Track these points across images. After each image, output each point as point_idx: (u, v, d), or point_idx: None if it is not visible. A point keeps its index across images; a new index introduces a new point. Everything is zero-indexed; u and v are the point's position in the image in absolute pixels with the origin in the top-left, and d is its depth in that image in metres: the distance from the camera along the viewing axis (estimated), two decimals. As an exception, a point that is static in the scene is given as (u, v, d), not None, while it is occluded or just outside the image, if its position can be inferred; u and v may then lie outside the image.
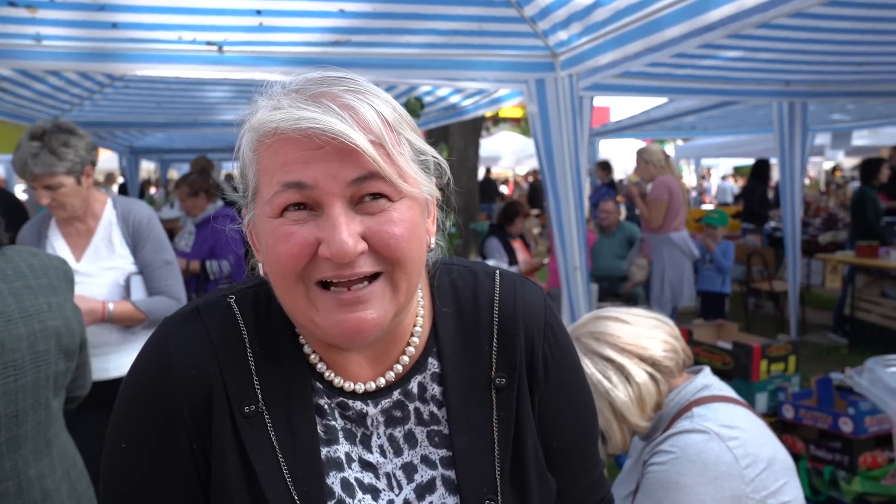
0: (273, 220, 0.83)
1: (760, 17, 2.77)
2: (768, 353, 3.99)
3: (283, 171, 0.81)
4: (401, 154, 0.84)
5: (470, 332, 0.98)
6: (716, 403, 1.68)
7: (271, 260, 0.85)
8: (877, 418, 3.54)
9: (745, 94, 5.80)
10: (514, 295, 1.00)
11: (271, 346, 0.93)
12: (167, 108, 6.83)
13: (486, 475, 0.94)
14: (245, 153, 0.88)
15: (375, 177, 0.81)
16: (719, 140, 13.97)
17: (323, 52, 3.65)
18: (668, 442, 1.62)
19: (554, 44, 3.73)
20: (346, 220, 0.80)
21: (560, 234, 3.98)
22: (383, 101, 0.86)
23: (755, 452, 1.59)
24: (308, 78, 0.86)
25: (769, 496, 1.57)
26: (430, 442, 0.96)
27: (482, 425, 0.95)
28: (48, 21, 3.19)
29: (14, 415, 1.57)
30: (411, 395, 0.96)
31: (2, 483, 1.56)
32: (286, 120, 0.80)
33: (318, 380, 0.94)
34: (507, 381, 0.96)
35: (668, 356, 1.73)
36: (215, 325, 0.92)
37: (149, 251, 2.87)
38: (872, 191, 7.68)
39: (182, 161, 13.75)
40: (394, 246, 0.82)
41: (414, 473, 0.94)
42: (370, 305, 0.83)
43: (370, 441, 0.95)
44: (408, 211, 0.84)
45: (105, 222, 2.84)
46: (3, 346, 1.55)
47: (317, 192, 0.80)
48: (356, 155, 0.79)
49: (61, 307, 1.74)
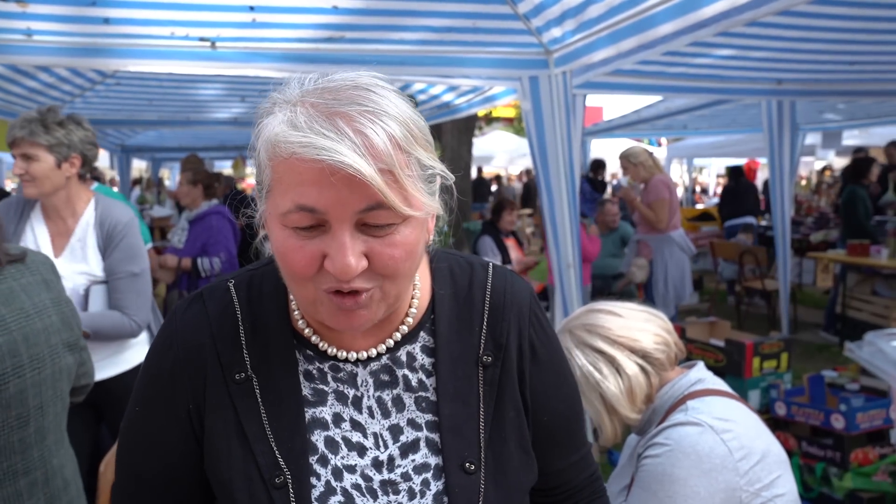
0: (283, 229, 0.90)
1: (752, 14, 2.78)
2: (761, 350, 4.01)
3: (298, 192, 0.86)
4: (409, 177, 0.87)
5: (464, 314, 1.09)
6: (710, 397, 1.69)
7: (281, 263, 0.93)
8: (868, 415, 3.56)
9: (737, 92, 5.82)
10: (504, 286, 1.12)
11: (262, 322, 1.05)
12: (159, 106, 6.80)
13: (467, 441, 1.03)
14: (261, 154, 0.91)
15: (381, 206, 0.86)
16: (711, 140, 14.02)
17: (316, 49, 3.65)
18: (663, 434, 1.62)
19: (548, 41, 3.74)
20: (350, 242, 0.87)
21: (553, 232, 3.98)
22: (395, 118, 0.87)
23: (749, 445, 1.59)
24: (326, 88, 0.88)
25: (763, 488, 1.58)
26: (418, 407, 1.04)
27: (467, 396, 1.05)
28: (39, 16, 3.17)
29: (39, 406, 1.65)
30: (399, 361, 1.05)
31: (31, 473, 1.63)
32: (305, 147, 0.83)
33: (311, 349, 1.04)
34: (492, 360, 1.07)
35: (660, 349, 1.74)
36: (214, 304, 1.06)
37: (115, 259, 2.67)
38: (863, 189, 7.71)
39: (174, 160, 13.70)
40: (391, 267, 0.90)
41: (399, 434, 1.03)
42: (364, 307, 0.92)
43: (361, 402, 1.04)
44: (410, 232, 0.90)
45: (83, 223, 2.70)
46: (27, 340, 1.61)
47: (327, 216, 0.86)
48: (366, 186, 0.84)
49: (57, 302, 1.77)
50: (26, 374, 1.60)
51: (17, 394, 1.57)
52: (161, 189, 14.05)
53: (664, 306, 6.04)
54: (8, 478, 1.57)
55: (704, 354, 4.15)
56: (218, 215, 4.97)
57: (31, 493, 1.62)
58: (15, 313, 1.61)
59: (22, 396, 1.59)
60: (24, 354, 1.59)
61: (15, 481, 1.59)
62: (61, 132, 2.57)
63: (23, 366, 1.59)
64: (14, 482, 1.58)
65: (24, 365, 1.59)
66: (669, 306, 6.12)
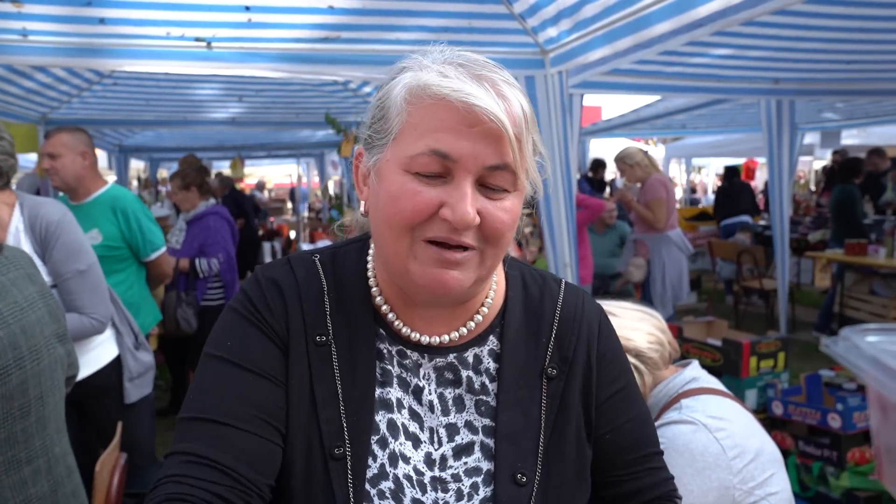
0: (404, 174, 0.91)
1: (747, 13, 2.78)
2: (758, 349, 4.01)
3: (435, 137, 0.89)
4: (529, 152, 0.94)
5: (532, 324, 1.08)
6: (704, 395, 1.69)
7: (389, 209, 0.93)
8: (865, 414, 3.56)
9: (734, 91, 5.83)
10: (576, 302, 1.11)
11: (345, 296, 1.05)
12: (156, 106, 6.80)
13: (523, 451, 1.01)
14: (396, 100, 0.94)
15: (507, 168, 0.91)
16: (709, 139, 14.02)
17: (312, 49, 3.64)
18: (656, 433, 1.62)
19: (543, 40, 3.73)
20: (472, 194, 0.90)
21: (550, 232, 3.98)
22: (526, 98, 0.95)
23: (742, 444, 1.59)
24: (468, 56, 0.95)
25: (756, 487, 1.58)
26: (477, 410, 1.04)
27: (528, 406, 1.03)
28: (34, 16, 3.18)
29: (39, 396, 1.67)
30: (465, 362, 1.05)
31: (34, 461, 1.66)
32: (457, 91, 0.88)
33: (383, 328, 1.04)
34: (557, 373, 1.05)
35: (653, 348, 1.73)
36: (301, 271, 1.06)
37: (57, 260, 2.49)
38: (856, 189, 7.71)
39: (171, 160, 13.67)
40: (499, 230, 0.93)
41: (455, 434, 1.02)
42: (461, 268, 0.93)
43: (422, 394, 1.03)
44: (517, 204, 0.95)
45: (13, 230, 2.49)
46: (24, 332, 1.63)
47: (456, 166, 0.89)
48: (500, 143, 0.89)
49: (43, 294, 1.79)
50: (27, 365, 1.62)
51: (19, 385, 1.60)
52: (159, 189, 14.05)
53: (662, 306, 6.04)
54: (13, 466, 1.60)
55: (701, 354, 4.15)
56: (216, 216, 4.95)
57: (35, 480, 1.65)
58: (10, 307, 1.63)
59: (23, 387, 1.61)
60: (23, 346, 1.62)
61: (19, 470, 1.61)
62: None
63: (23, 357, 1.61)
64: (18, 471, 1.61)
65: (24, 356, 1.61)
66: (667, 306, 6.12)
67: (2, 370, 1.55)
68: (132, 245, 3.51)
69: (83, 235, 2.65)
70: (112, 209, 3.42)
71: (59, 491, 1.72)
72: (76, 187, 3.41)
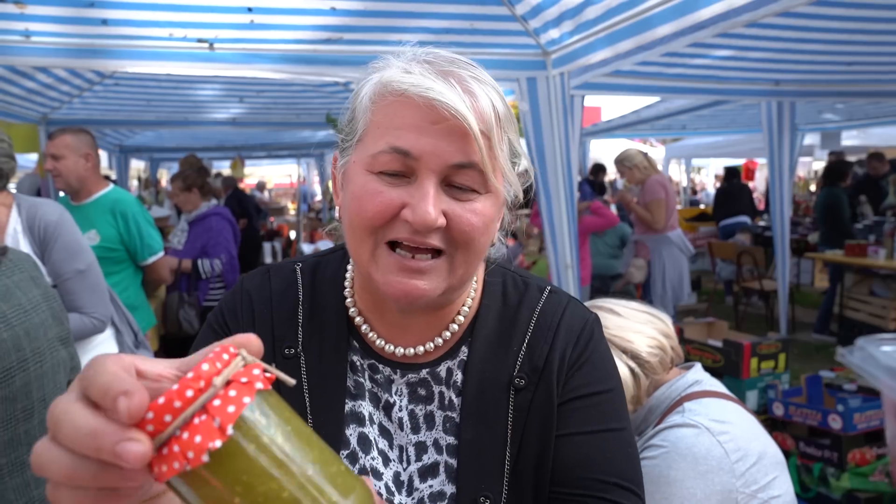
0: (366, 174, 0.88)
1: (750, 15, 2.79)
2: (758, 350, 4.01)
3: (395, 134, 0.86)
4: (501, 151, 0.89)
5: (505, 334, 1.01)
6: (706, 399, 1.69)
7: (352, 209, 0.90)
8: (865, 415, 3.57)
9: (735, 93, 5.84)
10: (556, 310, 1.03)
11: (320, 305, 1.03)
12: (157, 107, 6.80)
13: (486, 470, 0.94)
14: (362, 101, 0.91)
15: (473, 168, 0.86)
16: (710, 140, 14.03)
17: (314, 50, 3.65)
18: (659, 436, 1.62)
19: (545, 42, 3.74)
20: (435, 193, 0.86)
21: (552, 233, 3.99)
22: (499, 96, 0.91)
23: (745, 447, 1.60)
24: (438, 53, 0.91)
25: (759, 490, 1.58)
26: (443, 427, 0.98)
27: (493, 421, 0.96)
28: (37, 17, 3.18)
29: (42, 398, 1.67)
30: (438, 377, 1.00)
31: None
32: (416, 86, 0.84)
33: (357, 339, 1.02)
34: (526, 383, 0.97)
35: (653, 352, 1.71)
36: (278, 281, 1.05)
37: (57, 261, 2.49)
38: (842, 192, 7.72)
39: (171, 160, 13.68)
40: (468, 233, 0.88)
41: (423, 454, 0.98)
42: (427, 277, 0.88)
43: (392, 411, 0.99)
44: (490, 206, 0.90)
45: (11, 231, 2.48)
46: (28, 334, 1.64)
47: (418, 164, 0.85)
48: (465, 140, 0.85)
49: (46, 297, 1.79)
50: (30, 367, 1.63)
51: (23, 387, 1.60)
52: (159, 189, 14.04)
53: (662, 307, 6.04)
54: (16, 469, 1.61)
55: (702, 355, 4.15)
56: (217, 216, 4.96)
57: (38, 482, 1.65)
58: (14, 309, 1.63)
59: (27, 389, 1.61)
60: (27, 348, 1.62)
61: (22, 472, 1.62)
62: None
63: (26, 359, 1.62)
64: (22, 473, 1.61)
65: (27, 359, 1.62)
66: (667, 306, 6.13)
67: (5, 372, 1.55)
68: (130, 248, 3.52)
69: (81, 236, 2.65)
70: (112, 211, 3.43)
71: None
72: (78, 188, 3.42)
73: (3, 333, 1.56)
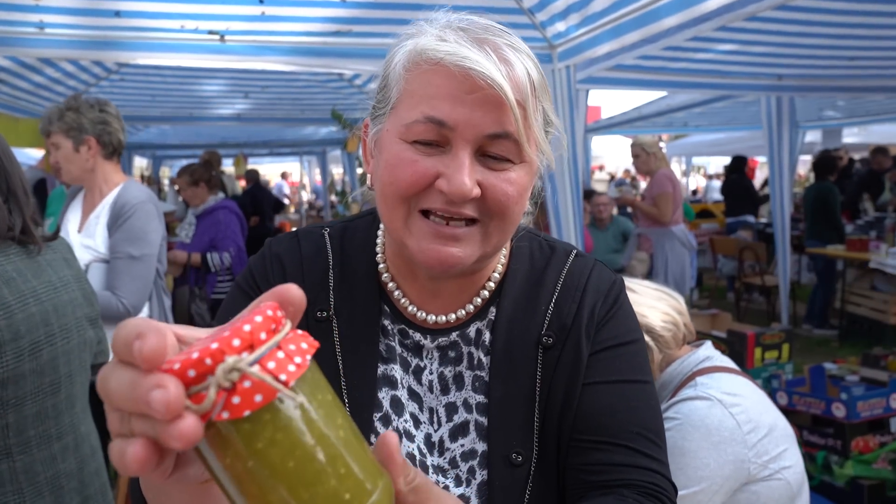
0: (400, 143, 0.87)
1: (754, 7, 2.83)
2: (762, 341, 4.04)
3: (430, 103, 0.85)
4: (536, 120, 0.88)
5: (532, 293, 1.01)
6: (718, 373, 1.73)
7: (386, 178, 0.89)
8: (869, 403, 3.61)
9: (738, 88, 5.87)
10: (583, 271, 1.03)
11: (351, 270, 1.02)
12: (162, 102, 6.82)
13: (516, 427, 0.95)
14: (395, 69, 0.90)
15: (509, 138, 0.85)
16: (710, 137, 14.07)
17: (324, 42, 3.68)
18: (673, 409, 1.67)
19: (552, 35, 3.77)
20: (470, 164, 0.85)
21: (558, 227, 4.02)
22: (534, 64, 0.90)
23: (757, 419, 1.64)
24: (473, 20, 0.90)
25: (770, 461, 1.62)
26: (473, 387, 0.98)
27: (522, 379, 0.96)
28: (51, 9, 3.22)
29: (69, 374, 1.70)
30: (468, 338, 1.00)
31: (63, 438, 1.70)
32: (452, 54, 0.83)
33: (388, 305, 1.01)
34: (553, 342, 0.97)
35: (666, 327, 1.77)
36: (308, 245, 1.04)
37: (117, 239, 2.63)
38: (833, 186, 7.74)
39: (174, 157, 13.70)
40: (503, 203, 0.87)
41: (454, 414, 0.98)
42: (461, 244, 0.88)
43: (422, 374, 1.00)
44: (524, 176, 0.89)
45: (105, 202, 2.74)
46: (56, 311, 1.67)
47: (453, 134, 0.85)
48: (500, 110, 0.84)
49: (78, 278, 1.83)
50: (57, 342, 1.66)
51: (50, 361, 1.64)
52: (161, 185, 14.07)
53: (665, 301, 6.06)
54: (43, 441, 1.64)
55: (706, 345, 4.19)
56: (225, 210, 5.00)
57: (64, 457, 1.69)
58: (44, 286, 1.67)
59: (54, 364, 1.65)
60: (55, 324, 1.66)
61: (49, 445, 1.65)
62: (72, 116, 2.63)
63: (54, 335, 1.65)
64: (49, 446, 1.65)
65: (55, 334, 1.66)
66: (669, 300, 6.15)
67: (34, 345, 1.59)
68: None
69: (155, 228, 2.75)
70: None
71: (85, 469, 1.76)
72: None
73: (32, 307, 1.60)
